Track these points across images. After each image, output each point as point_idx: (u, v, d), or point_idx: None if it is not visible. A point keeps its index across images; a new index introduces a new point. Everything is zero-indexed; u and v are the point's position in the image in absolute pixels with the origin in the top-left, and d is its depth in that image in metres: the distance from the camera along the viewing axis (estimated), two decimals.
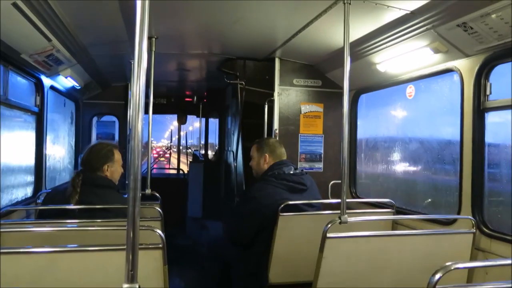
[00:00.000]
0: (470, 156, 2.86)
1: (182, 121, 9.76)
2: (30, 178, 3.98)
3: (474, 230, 2.63)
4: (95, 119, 6.49)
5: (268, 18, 3.26)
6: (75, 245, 1.93)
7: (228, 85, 5.38)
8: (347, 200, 2.52)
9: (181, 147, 13.20)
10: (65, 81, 4.42)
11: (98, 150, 3.02)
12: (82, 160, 3.03)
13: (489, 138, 2.83)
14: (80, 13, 3.05)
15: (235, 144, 5.09)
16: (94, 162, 2.97)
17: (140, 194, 1.30)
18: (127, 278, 1.29)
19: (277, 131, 4.39)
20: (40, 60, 3.45)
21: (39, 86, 3.98)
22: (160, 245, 1.92)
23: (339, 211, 2.40)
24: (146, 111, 3.89)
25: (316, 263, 2.34)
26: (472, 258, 2.66)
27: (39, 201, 3.67)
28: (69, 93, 5.08)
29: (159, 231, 1.93)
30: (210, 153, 8.48)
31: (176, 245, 6.62)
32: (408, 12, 2.77)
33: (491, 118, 2.82)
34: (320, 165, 4.56)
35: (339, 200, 2.45)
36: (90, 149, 3.06)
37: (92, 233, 2.31)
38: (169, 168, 16.44)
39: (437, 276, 1.40)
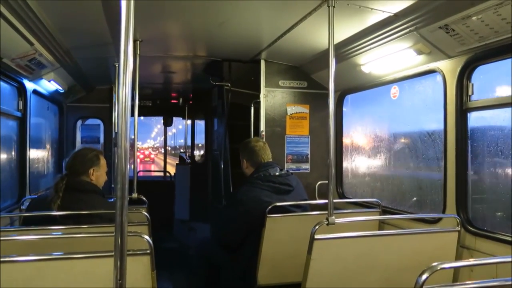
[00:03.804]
0: (454, 155, 2.91)
1: (167, 123, 9.74)
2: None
3: (459, 228, 2.68)
4: (79, 123, 6.42)
5: (253, 20, 3.27)
6: (62, 253, 1.90)
7: (214, 86, 5.37)
8: (334, 200, 2.53)
9: (168, 148, 13.12)
10: (48, 85, 4.36)
11: (83, 154, 2.99)
12: (67, 164, 2.98)
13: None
14: (62, 16, 3.01)
15: (222, 145, 5.08)
16: (79, 166, 2.92)
17: (128, 202, 1.28)
18: (115, 287, 1.28)
19: (263, 133, 4.40)
20: (22, 64, 3.40)
21: (21, 90, 3.91)
22: (148, 251, 1.91)
23: (326, 212, 2.41)
24: (132, 114, 3.85)
25: (304, 264, 2.36)
26: (458, 255, 2.70)
27: (23, 207, 3.60)
28: (52, 97, 5.01)
29: (147, 237, 1.91)
30: (197, 155, 8.46)
31: (164, 248, 6.58)
32: (392, 14, 2.80)
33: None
34: (307, 166, 4.58)
35: (326, 201, 2.46)
36: (75, 154, 3.02)
37: (78, 240, 2.28)
38: (156, 171, 16.32)
39: (424, 276, 1.42)
